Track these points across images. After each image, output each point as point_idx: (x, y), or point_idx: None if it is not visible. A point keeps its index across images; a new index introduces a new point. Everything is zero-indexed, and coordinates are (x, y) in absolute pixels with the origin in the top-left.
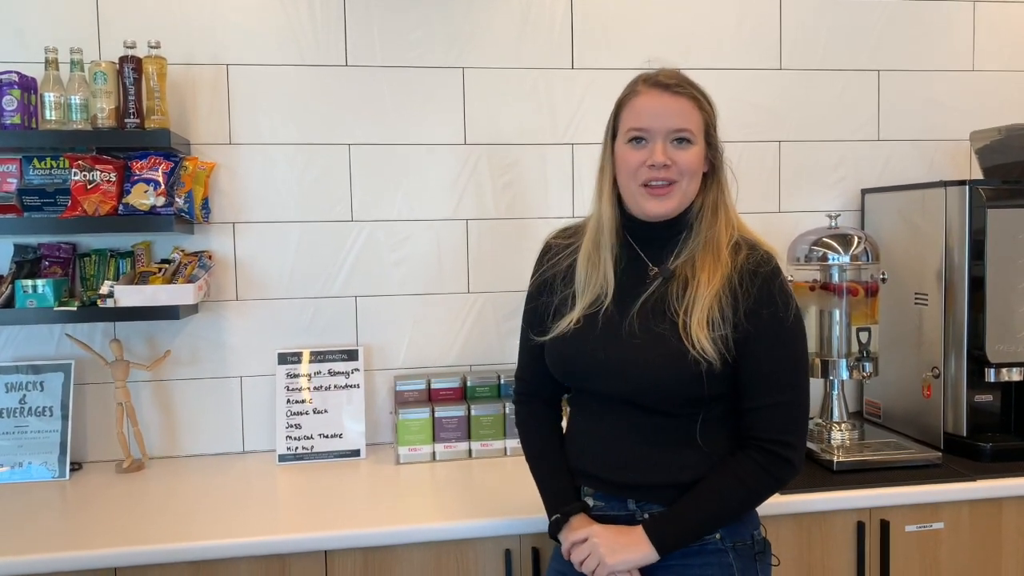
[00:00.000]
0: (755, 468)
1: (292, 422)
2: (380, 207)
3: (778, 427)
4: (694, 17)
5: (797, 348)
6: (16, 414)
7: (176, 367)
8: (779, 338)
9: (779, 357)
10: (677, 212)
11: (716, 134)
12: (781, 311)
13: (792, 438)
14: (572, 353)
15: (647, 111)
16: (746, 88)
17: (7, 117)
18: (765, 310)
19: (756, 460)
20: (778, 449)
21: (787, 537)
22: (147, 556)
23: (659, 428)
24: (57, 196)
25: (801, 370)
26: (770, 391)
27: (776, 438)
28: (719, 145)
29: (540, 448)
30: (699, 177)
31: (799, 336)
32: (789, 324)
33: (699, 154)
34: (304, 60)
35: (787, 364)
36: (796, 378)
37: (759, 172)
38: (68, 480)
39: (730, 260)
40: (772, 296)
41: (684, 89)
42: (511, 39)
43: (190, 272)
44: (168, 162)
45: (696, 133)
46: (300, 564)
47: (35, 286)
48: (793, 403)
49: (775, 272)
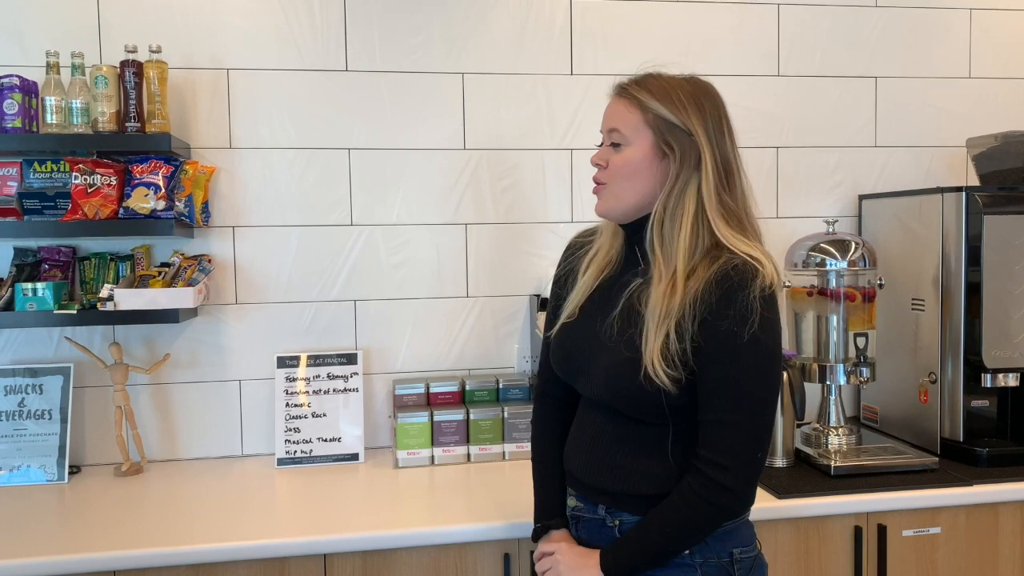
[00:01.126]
0: (690, 493)
1: (291, 426)
2: (379, 211)
3: (715, 447)
4: (693, 23)
5: (751, 365)
6: (15, 417)
7: (175, 370)
8: (730, 353)
9: (727, 373)
10: (615, 213)
11: (681, 136)
12: (736, 325)
13: (727, 460)
14: (561, 352)
15: (604, 115)
16: (744, 94)
17: (8, 120)
18: (721, 323)
19: (691, 484)
20: (710, 471)
21: (785, 542)
22: (147, 559)
23: (634, 436)
24: (57, 199)
25: (753, 390)
26: (713, 407)
27: (711, 459)
28: (689, 149)
29: (540, 452)
30: (642, 180)
31: (757, 354)
32: (744, 340)
33: (634, 153)
34: (304, 64)
35: (735, 382)
36: (744, 398)
37: (757, 178)
38: (67, 483)
39: (705, 269)
40: (730, 308)
41: (628, 90)
42: (510, 44)
43: (190, 275)
44: (169, 166)
45: (629, 133)
46: (299, 567)
47: (35, 289)
48: (736, 424)
49: (743, 284)
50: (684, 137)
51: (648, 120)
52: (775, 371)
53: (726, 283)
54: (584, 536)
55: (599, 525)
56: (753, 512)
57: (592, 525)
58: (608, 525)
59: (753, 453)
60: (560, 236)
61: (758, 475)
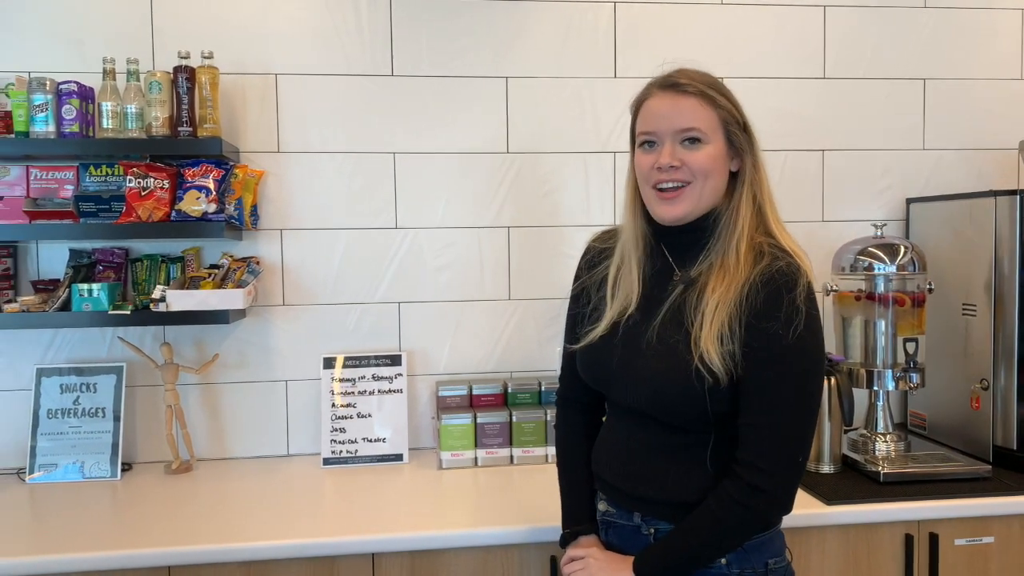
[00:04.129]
0: (726, 498)
1: (336, 426)
2: (423, 214)
3: (754, 450)
4: (736, 25)
5: (795, 368)
6: (71, 415)
7: (223, 371)
8: (773, 355)
9: (770, 375)
10: (692, 215)
11: (743, 133)
12: (781, 327)
13: (765, 463)
14: (593, 362)
15: (656, 113)
16: (789, 97)
17: (66, 126)
18: (765, 323)
19: (728, 489)
20: (748, 475)
21: (833, 549)
22: (201, 556)
23: (672, 444)
24: (112, 202)
25: (795, 394)
26: (753, 410)
27: (750, 462)
28: (748, 144)
29: (565, 458)
30: (719, 178)
31: (802, 356)
32: (788, 342)
33: (713, 153)
34: (351, 69)
35: (776, 383)
36: (786, 401)
37: (802, 182)
38: (119, 480)
39: (749, 267)
40: (776, 310)
41: (693, 86)
42: (554, 48)
43: (239, 277)
44: (219, 170)
45: (708, 131)
46: (348, 566)
47: (90, 290)
48: (777, 427)
49: (789, 285)
50: (742, 132)
51: (721, 117)
52: (819, 374)
53: (772, 285)
54: (615, 541)
55: (632, 532)
56: (800, 519)
57: (625, 532)
58: (643, 533)
59: (794, 457)
60: None
61: (798, 481)
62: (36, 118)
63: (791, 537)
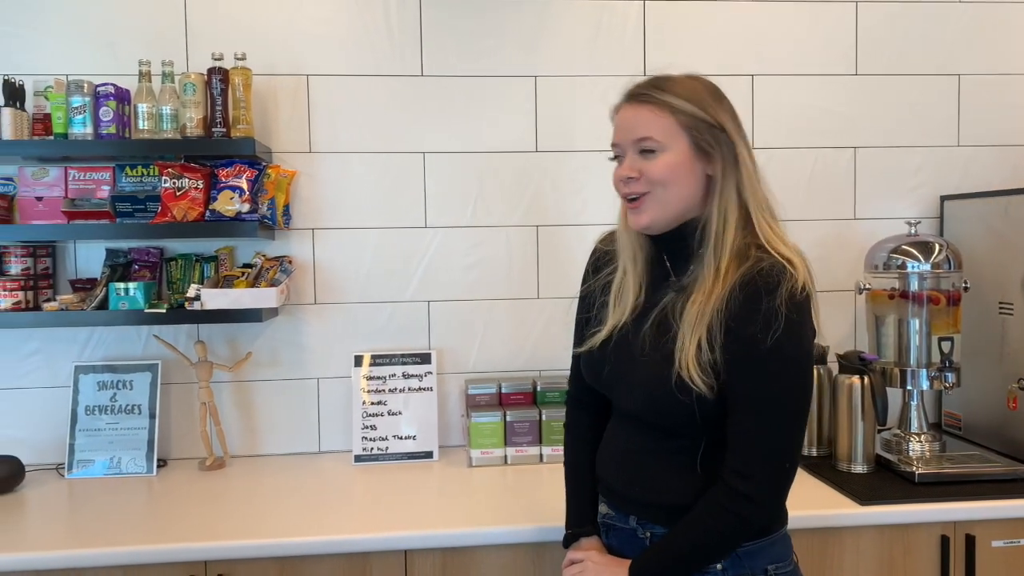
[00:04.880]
0: (714, 504)
1: (367, 423)
2: (452, 213)
3: (739, 457)
4: (766, 22)
5: (774, 374)
6: (107, 412)
7: (256, 368)
8: (752, 360)
9: (751, 382)
10: (662, 222)
11: (718, 134)
12: (759, 331)
13: (750, 470)
14: (594, 366)
15: (619, 125)
16: (820, 94)
17: (104, 127)
18: (743, 328)
19: (717, 495)
20: (733, 481)
21: (867, 549)
22: (237, 551)
23: (665, 447)
24: (147, 202)
25: (777, 400)
26: (737, 417)
27: (735, 468)
28: (722, 145)
29: (573, 459)
30: (684, 184)
31: (781, 362)
32: (766, 347)
33: (671, 161)
34: (381, 70)
35: (757, 390)
36: (769, 407)
37: (833, 179)
38: (155, 476)
39: (733, 273)
40: (755, 313)
41: (650, 95)
42: (583, 46)
43: (272, 276)
44: (252, 170)
45: (664, 139)
46: (381, 562)
47: (127, 289)
48: (759, 432)
49: (769, 287)
50: (719, 134)
51: (681, 122)
52: (802, 379)
53: (751, 288)
54: (615, 544)
55: (630, 535)
56: (834, 519)
57: (623, 535)
58: (640, 536)
59: (779, 465)
60: None
61: (785, 487)
62: (74, 120)
63: (824, 537)
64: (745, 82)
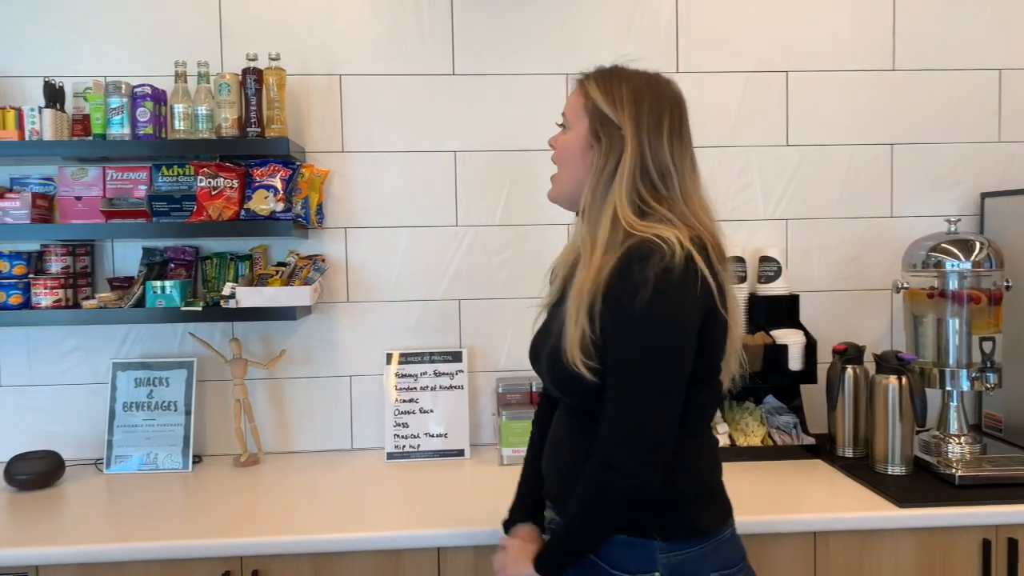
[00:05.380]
0: (587, 477)
1: (399, 421)
2: (483, 212)
3: (605, 424)
4: (801, 18)
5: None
6: (144, 408)
7: (289, 366)
8: (619, 325)
9: (618, 347)
10: (562, 199)
11: (612, 130)
12: (627, 297)
13: (613, 436)
14: (530, 348)
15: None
16: (856, 90)
17: (141, 128)
18: (614, 295)
19: (589, 468)
20: (600, 449)
21: (905, 553)
22: (272, 547)
23: (584, 428)
24: (183, 202)
25: (639, 363)
26: (608, 384)
27: (602, 435)
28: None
29: (529, 450)
30: (576, 165)
31: (647, 325)
32: (633, 312)
33: (569, 140)
34: (413, 69)
35: (623, 355)
36: (631, 371)
37: (870, 176)
38: (191, 472)
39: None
40: (625, 280)
41: (583, 79)
42: (615, 43)
43: (306, 275)
44: (286, 169)
45: (571, 118)
46: (414, 560)
47: (163, 287)
48: (621, 398)
49: (641, 256)
50: (614, 131)
51: (587, 108)
52: (666, 341)
53: (626, 258)
54: None
55: None
56: (871, 521)
57: None
58: None
59: (639, 429)
60: None
61: (649, 454)
62: (112, 120)
63: (862, 539)
64: (779, 79)
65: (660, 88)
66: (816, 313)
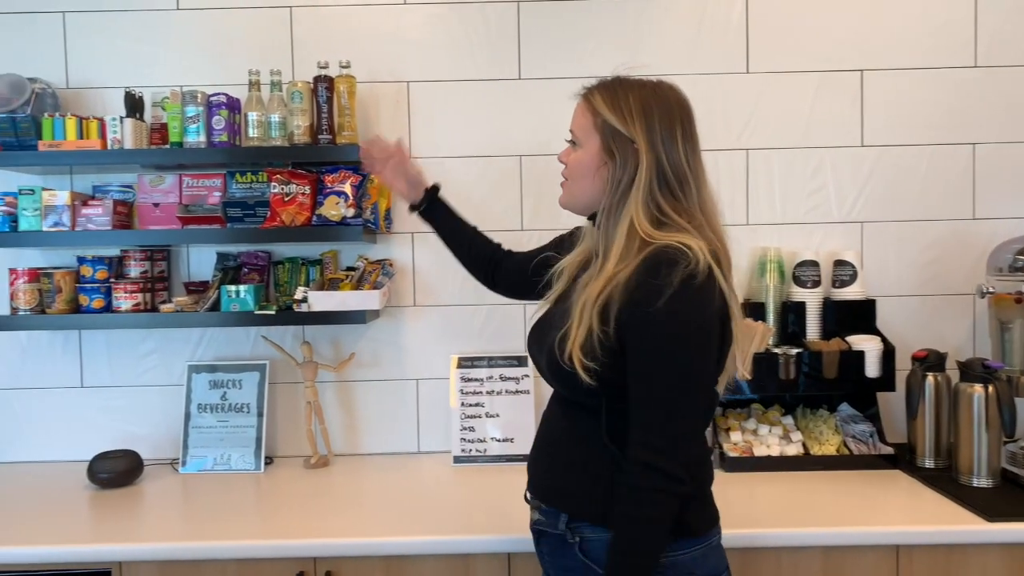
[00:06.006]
0: (624, 487)
1: (465, 424)
2: (549, 216)
3: (639, 427)
4: (876, 15)
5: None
6: (218, 409)
7: (358, 369)
8: (644, 327)
9: (644, 348)
10: (575, 208)
11: (624, 143)
12: (652, 298)
13: (656, 440)
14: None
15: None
16: (935, 88)
17: (216, 135)
18: (639, 296)
19: (620, 479)
20: (641, 453)
21: (995, 569)
22: (345, 549)
23: (578, 424)
24: (256, 208)
25: (667, 363)
26: (638, 390)
27: (641, 439)
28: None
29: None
30: (590, 179)
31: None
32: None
33: (582, 157)
34: (479, 75)
35: (650, 355)
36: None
37: (950, 177)
38: (263, 473)
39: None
40: (648, 283)
41: (587, 94)
42: (684, 44)
43: (375, 279)
44: (357, 175)
45: (581, 135)
46: (484, 564)
47: (238, 291)
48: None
49: (669, 261)
50: (627, 144)
51: (597, 125)
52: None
53: (651, 260)
54: (546, 551)
55: (559, 541)
56: (957, 535)
57: (555, 541)
58: (569, 542)
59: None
60: (735, 240)
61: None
62: (189, 129)
63: (948, 554)
64: (854, 78)
65: (667, 95)
66: (893, 318)
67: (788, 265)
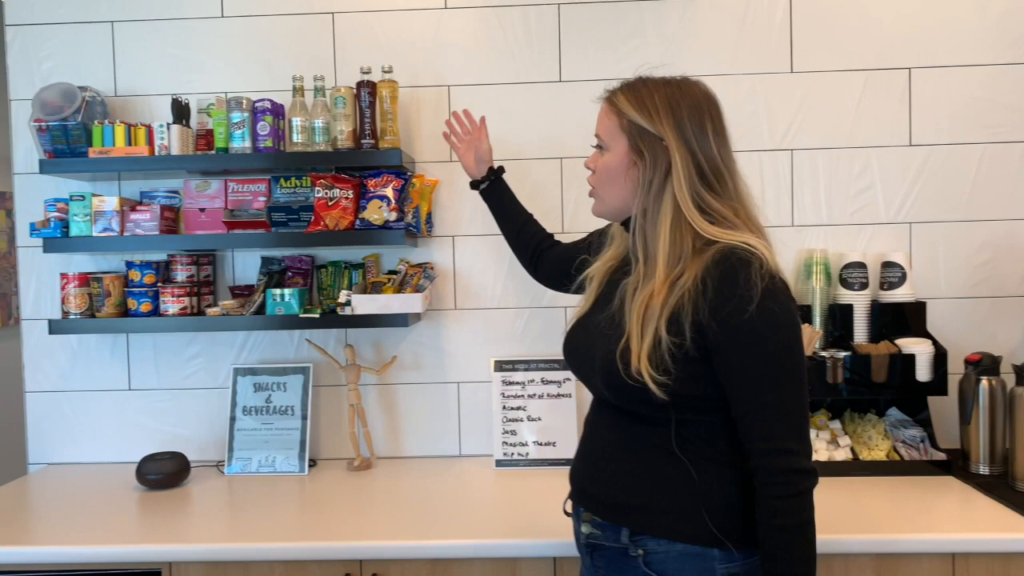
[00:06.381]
0: (776, 500)
1: (507, 428)
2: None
3: (769, 435)
4: (925, 11)
5: (770, 341)
6: (263, 412)
7: (400, 372)
8: (745, 334)
9: (751, 356)
10: (608, 214)
11: (653, 142)
12: (742, 304)
13: (789, 443)
14: (568, 347)
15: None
16: (989, 85)
17: (261, 141)
18: (726, 303)
19: (767, 493)
20: (778, 461)
21: None
22: (391, 551)
23: (638, 434)
24: (300, 212)
25: (777, 364)
26: (745, 398)
27: (773, 447)
28: (660, 155)
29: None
30: (620, 183)
31: (773, 327)
32: (752, 317)
33: (610, 160)
34: (520, 78)
35: (761, 363)
36: (771, 375)
37: (1003, 176)
38: (307, 475)
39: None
40: (735, 288)
41: (611, 96)
42: (727, 44)
43: (416, 282)
44: (399, 179)
45: (608, 139)
46: (530, 568)
47: (282, 295)
48: (778, 404)
49: (744, 263)
50: (656, 142)
51: (623, 126)
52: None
53: (725, 264)
54: (602, 565)
55: (620, 555)
56: (1018, 543)
57: (613, 555)
58: (631, 555)
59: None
60: (780, 242)
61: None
62: (234, 135)
63: (1006, 563)
64: (901, 76)
65: (692, 90)
66: (943, 321)
67: (835, 267)
